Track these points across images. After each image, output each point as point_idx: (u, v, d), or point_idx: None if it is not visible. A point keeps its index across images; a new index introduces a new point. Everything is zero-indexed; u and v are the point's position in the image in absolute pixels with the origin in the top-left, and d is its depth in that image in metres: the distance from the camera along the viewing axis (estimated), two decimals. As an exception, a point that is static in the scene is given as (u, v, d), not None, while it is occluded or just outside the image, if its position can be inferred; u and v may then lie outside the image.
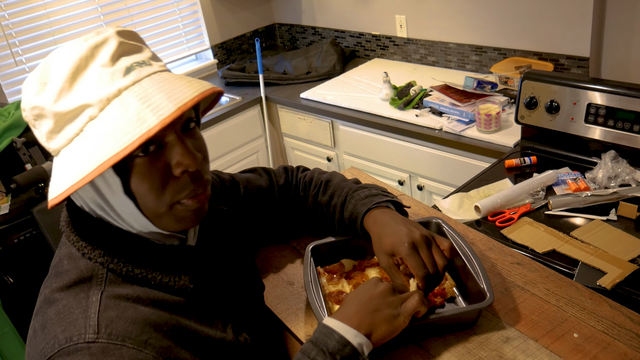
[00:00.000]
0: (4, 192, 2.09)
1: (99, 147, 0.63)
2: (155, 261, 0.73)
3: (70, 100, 0.66)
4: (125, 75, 0.66)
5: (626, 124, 1.61)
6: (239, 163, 2.95)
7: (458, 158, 2.15)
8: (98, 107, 0.65)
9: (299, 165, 1.16)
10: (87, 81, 0.66)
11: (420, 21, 2.73)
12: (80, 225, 0.73)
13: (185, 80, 0.68)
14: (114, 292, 0.69)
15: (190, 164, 0.68)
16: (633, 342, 0.82)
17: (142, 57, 0.69)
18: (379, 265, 1.01)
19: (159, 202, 0.70)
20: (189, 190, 0.70)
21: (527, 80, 1.81)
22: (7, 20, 2.52)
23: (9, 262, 2.02)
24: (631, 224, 1.44)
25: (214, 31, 3.26)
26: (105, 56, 0.67)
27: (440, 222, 1.02)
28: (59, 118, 0.66)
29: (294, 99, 2.75)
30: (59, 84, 0.66)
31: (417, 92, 2.39)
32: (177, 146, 0.68)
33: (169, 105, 0.63)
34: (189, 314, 0.74)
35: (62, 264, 0.73)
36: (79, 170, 0.64)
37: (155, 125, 0.61)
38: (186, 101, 0.63)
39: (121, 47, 0.68)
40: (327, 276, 1.00)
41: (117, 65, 0.67)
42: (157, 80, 0.67)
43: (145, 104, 0.63)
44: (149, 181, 0.68)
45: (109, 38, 0.68)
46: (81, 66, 0.66)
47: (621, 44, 2.10)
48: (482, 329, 0.88)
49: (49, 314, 0.68)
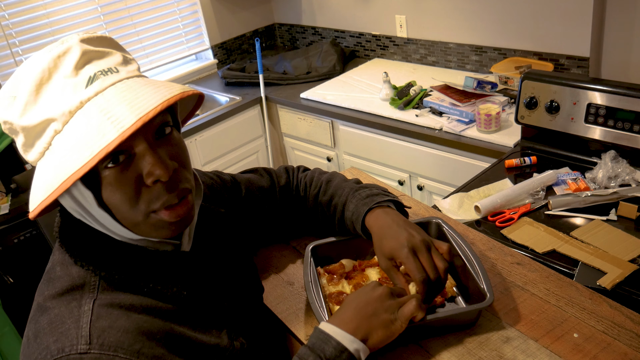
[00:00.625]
0: (4, 192, 2.09)
1: (64, 162, 0.63)
2: (148, 268, 0.72)
3: (35, 115, 0.65)
4: (88, 85, 0.65)
5: (626, 124, 1.61)
6: (239, 163, 2.95)
7: (458, 158, 2.15)
8: (61, 122, 0.64)
9: (299, 165, 1.16)
10: (51, 93, 0.65)
11: (420, 21, 2.73)
12: (72, 232, 0.73)
13: (152, 86, 0.66)
14: (107, 301, 0.68)
15: (161, 174, 0.66)
16: (633, 342, 0.82)
17: (107, 64, 0.67)
18: (379, 265, 1.01)
19: (133, 212, 0.68)
20: (163, 200, 0.68)
21: (527, 80, 1.81)
22: (7, 20, 2.52)
23: (9, 262, 2.02)
24: (631, 224, 1.44)
25: (214, 31, 3.26)
26: (69, 67, 0.65)
27: (440, 222, 1.02)
28: (27, 133, 0.67)
29: (294, 99, 2.75)
30: (25, 98, 0.65)
31: (417, 92, 2.39)
32: (147, 155, 0.66)
33: (129, 117, 0.61)
34: (183, 321, 0.73)
35: (54, 270, 0.73)
36: (48, 184, 0.64)
37: (114, 138, 0.60)
38: (148, 111, 0.62)
39: (85, 56, 0.67)
40: (327, 276, 1.00)
41: (80, 75, 0.65)
42: (121, 89, 0.65)
43: (106, 117, 0.62)
44: (121, 192, 0.67)
45: (71, 47, 0.67)
46: (44, 78, 0.65)
47: (621, 44, 2.10)
48: (482, 329, 0.88)
49: (42, 323, 0.68)
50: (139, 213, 0.69)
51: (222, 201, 0.99)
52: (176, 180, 0.69)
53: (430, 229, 1.04)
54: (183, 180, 0.71)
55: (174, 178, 0.69)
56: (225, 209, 0.97)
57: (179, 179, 0.70)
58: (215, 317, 0.78)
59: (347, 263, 1.03)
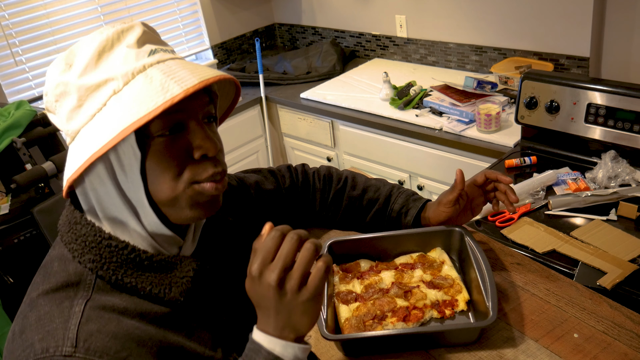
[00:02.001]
0: (4, 192, 2.09)
1: (122, 116, 0.63)
2: (147, 270, 0.71)
3: (95, 75, 0.67)
4: (150, 55, 0.68)
5: (626, 124, 1.61)
6: (239, 163, 2.95)
7: (458, 158, 2.15)
8: (122, 81, 0.66)
9: (302, 163, 1.17)
10: (113, 59, 0.67)
11: (420, 21, 2.73)
12: (76, 228, 0.72)
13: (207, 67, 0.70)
14: (100, 302, 0.67)
15: (210, 147, 0.69)
16: (633, 342, 0.82)
17: (165, 47, 0.72)
18: (396, 268, 1.01)
19: (176, 181, 0.69)
20: (208, 173, 0.70)
21: (527, 80, 1.81)
22: (7, 20, 2.51)
23: (9, 262, 2.02)
24: (631, 224, 1.44)
25: (214, 31, 3.26)
26: (132, 39, 0.68)
27: (463, 233, 1.01)
28: (82, 92, 0.67)
29: (294, 99, 2.75)
30: (85, 62, 0.67)
31: (417, 92, 2.39)
32: (199, 131, 0.69)
33: (192, 79, 0.64)
34: (178, 328, 0.71)
35: (52, 265, 0.72)
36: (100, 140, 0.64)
37: (179, 93, 0.63)
38: (209, 77, 0.65)
39: (146, 35, 0.70)
40: (340, 274, 1.00)
41: (143, 48, 0.69)
42: (181, 62, 0.69)
43: (170, 77, 0.65)
44: (167, 161, 0.68)
45: (135, 26, 0.70)
46: (107, 47, 0.68)
47: (621, 44, 2.10)
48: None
49: (30, 319, 0.67)
50: (181, 182, 0.69)
51: (229, 207, 0.97)
52: (218, 160, 0.72)
53: (452, 237, 1.03)
54: (222, 162, 0.74)
55: (217, 158, 0.72)
56: (232, 215, 0.96)
57: (220, 160, 0.73)
58: (212, 328, 0.76)
59: (364, 263, 1.03)
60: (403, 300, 0.93)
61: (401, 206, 1.06)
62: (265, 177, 1.09)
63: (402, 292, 0.94)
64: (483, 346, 0.85)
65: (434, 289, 0.95)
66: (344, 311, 0.92)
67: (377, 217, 1.09)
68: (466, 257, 0.98)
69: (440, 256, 1.02)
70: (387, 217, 1.08)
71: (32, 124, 2.13)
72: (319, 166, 1.16)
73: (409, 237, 1.04)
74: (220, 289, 0.81)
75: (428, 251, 1.05)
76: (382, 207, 1.08)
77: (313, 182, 1.12)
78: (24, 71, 2.61)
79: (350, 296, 0.95)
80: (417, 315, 0.90)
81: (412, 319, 0.89)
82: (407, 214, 1.06)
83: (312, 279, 0.65)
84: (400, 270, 1.01)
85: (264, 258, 0.65)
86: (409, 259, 1.04)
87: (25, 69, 2.61)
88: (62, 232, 0.73)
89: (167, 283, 0.72)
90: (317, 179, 1.12)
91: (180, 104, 0.67)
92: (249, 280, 0.66)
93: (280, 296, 0.64)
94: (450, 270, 0.98)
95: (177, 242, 0.75)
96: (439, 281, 0.96)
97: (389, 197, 1.09)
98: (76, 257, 0.70)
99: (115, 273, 0.69)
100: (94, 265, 0.69)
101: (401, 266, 1.02)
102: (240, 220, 0.98)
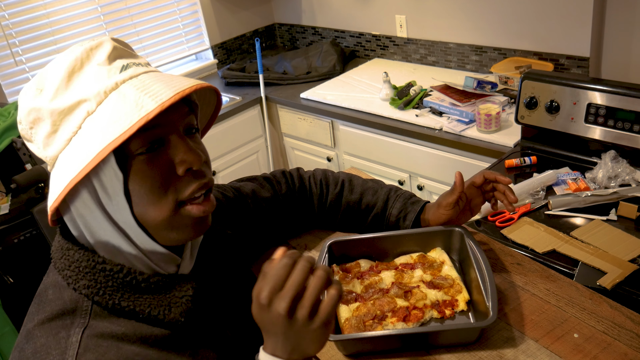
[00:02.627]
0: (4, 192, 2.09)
1: (98, 138, 0.61)
2: (144, 292, 0.69)
3: (66, 98, 0.65)
4: (122, 71, 0.66)
5: (626, 124, 1.61)
6: (238, 163, 2.95)
7: (458, 158, 2.15)
8: (95, 101, 0.64)
9: (296, 167, 1.16)
10: (84, 79, 0.65)
11: (420, 21, 2.73)
12: (69, 254, 0.70)
13: (182, 77, 0.68)
14: (98, 330, 0.65)
15: (193, 161, 0.67)
16: (633, 342, 0.82)
17: (138, 60, 0.69)
18: (396, 268, 1.01)
19: (162, 203, 0.67)
20: (193, 188, 0.68)
21: (527, 80, 1.81)
22: (7, 20, 2.51)
23: (9, 262, 2.02)
24: (631, 224, 1.44)
25: (214, 31, 3.26)
26: (102, 56, 0.66)
27: (463, 233, 1.01)
28: (55, 116, 0.65)
29: (294, 99, 2.75)
30: (55, 85, 0.65)
31: (417, 92, 2.39)
32: (181, 144, 0.67)
33: (167, 92, 0.63)
34: (181, 349, 0.70)
35: (46, 293, 0.70)
36: (77, 165, 0.62)
37: (154, 108, 0.61)
38: (185, 88, 0.63)
39: (116, 51, 0.68)
40: (340, 274, 1.00)
41: (114, 64, 0.66)
42: (155, 75, 0.67)
43: (143, 92, 0.63)
44: (151, 180, 0.66)
45: (103, 42, 0.68)
46: (77, 67, 0.66)
47: (621, 44, 2.10)
48: (482, 329, 0.88)
49: (26, 352, 0.65)
50: (167, 205, 0.67)
51: (227, 219, 0.96)
52: (202, 173, 0.70)
53: (453, 237, 1.03)
54: (208, 173, 0.72)
55: (201, 171, 0.70)
56: (231, 227, 0.95)
57: (204, 173, 0.71)
58: (217, 348, 0.74)
59: (364, 263, 1.03)
60: (403, 300, 0.93)
61: (399, 210, 1.06)
62: (261, 184, 1.08)
63: (402, 292, 0.94)
64: (483, 346, 0.85)
65: (434, 289, 0.95)
66: (344, 311, 0.92)
67: (376, 222, 1.08)
68: (466, 257, 0.98)
69: (440, 256, 1.02)
70: (385, 222, 1.07)
71: (32, 124, 2.13)
72: (314, 169, 1.15)
73: (409, 237, 1.04)
74: (223, 306, 0.79)
75: (428, 251, 1.05)
76: (380, 212, 1.07)
77: (310, 187, 1.11)
78: (24, 71, 2.61)
79: (350, 296, 0.95)
80: (417, 315, 0.90)
81: (412, 319, 0.89)
82: (405, 218, 1.05)
83: (324, 307, 0.63)
84: (400, 270, 1.01)
85: (274, 286, 0.62)
86: (409, 259, 1.04)
87: (25, 69, 2.61)
88: (55, 259, 0.71)
89: (166, 304, 0.70)
90: (313, 183, 1.11)
91: (158, 119, 0.65)
92: (257, 307, 0.63)
93: (290, 324, 0.62)
94: (450, 270, 0.98)
95: (174, 260, 0.73)
96: (439, 281, 0.96)
97: (387, 201, 1.08)
98: (71, 284, 0.68)
99: (112, 298, 0.67)
100: (90, 291, 0.67)
101: (401, 266, 1.02)
102: (239, 232, 0.97)
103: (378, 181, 1.14)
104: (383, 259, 1.05)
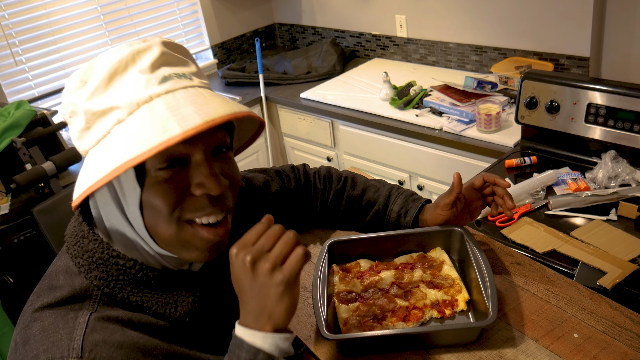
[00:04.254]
0: (4, 192, 2.09)
1: (121, 149, 0.62)
2: (153, 289, 0.70)
3: (102, 101, 0.65)
4: (161, 83, 0.65)
5: (626, 124, 1.61)
6: (239, 163, 2.93)
7: (458, 158, 2.15)
8: (127, 111, 0.64)
9: (303, 163, 1.17)
10: (123, 84, 0.65)
11: (420, 21, 2.73)
12: (84, 242, 0.71)
13: (222, 99, 0.66)
14: (104, 314, 0.67)
15: (213, 187, 0.65)
16: (633, 342, 0.82)
17: (183, 70, 0.68)
18: (396, 268, 1.01)
19: (169, 220, 0.66)
20: (206, 212, 0.67)
21: (527, 80, 1.81)
22: (7, 20, 2.51)
23: (9, 262, 2.02)
24: (631, 224, 1.44)
25: (214, 31, 3.26)
26: (146, 62, 0.66)
27: (463, 233, 1.01)
28: (89, 116, 0.66)
29: (294, 99, 2.75)
30: (95, 84, 0.65)
31: (417, 92, 2.39)
32: (203, 167, 0.66)
33: (196, 118, 0.61)
34: (183, 342, 0.71)
35: (57, 277, 0.71)
36: (100, 171, 0.63)
37: (177, 134, 0.59)
38: (215, 117, 0.61)
39: (163, 57, 0.67)
40: (340, 274, 1.00)
41: (156, 73, 0.65)
42: (192, 93, 0.65)
43: (173, 113, 0.61)
44: (164, 196, 0.65)
45: (152, 46, 0.67)
46: (120, 69, 0.65)
47: (621, 44, 2.10)
48: (482, 329, 0.88)
49: (33, 329, 0.66)
50: (173, 222, 0.66)
51: (240, 213, 0.96)
52: (223, 197, 0.68)
53: (453, 237, 1.03)
54: (229, 198, 0.70)
55: (222, 195, 0.68)
56: (240, 219, 0.94)
57: (225, 197, 0.69)
58: (218, 341, 0.75)
59: (364, 263, 1.03)
60: (403, 300, 0.93)
61: (400, 207, 1.06)
62: (272, 177, 1.09)
63: (402, 292, 0.94)
64: (483, 346, 0.85)
65: (434, 289, 0.95)
66: (344, 311, 0.92)
67: (377, 218, 1.09)
68: (466, 257, 0.98)
69: (440, 256, 1.02)
70: (386, 218, 1.08)
71: (32, 123, 2.13)
72: (319, 166, 1.16)
73: (409, 236, 1.04)
74: (229, 304, 0.80)
75: (428, 251, 1.05)
76: (381, 208, 1.08)
77: (314, 182, 1.12)
78: (24, 71, 2.61)
79: (350, 296, 0.95)
80: (417, 315, 0.90)
81: (412, 319, 0.89)
82: (406, 214, 1.06)
83: (288, 262, 0.64)
84: (400, 270, 1.01)
85: (245, 242, 0.65)
86: (409, 258, 1.04)
87: (25, 69, 2.61)
88: (69, 244, 0.72)
89: (172, 302, 0.71)
90: (317, 179, 1.12)
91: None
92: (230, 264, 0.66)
93: (253, 276, 0.64)
94: (450, 270, 0.98)
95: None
96: (439, 281, 0.96)
97: (389, 198, 1.09)
98: (82, 273, 0.69)
99: (121, 291, 0.68)
100: (101, 282, 0.68)
101: (401, 266, 1.02)
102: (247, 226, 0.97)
103: (380, 180, 1.15)
104: (383, 259, 1.05)
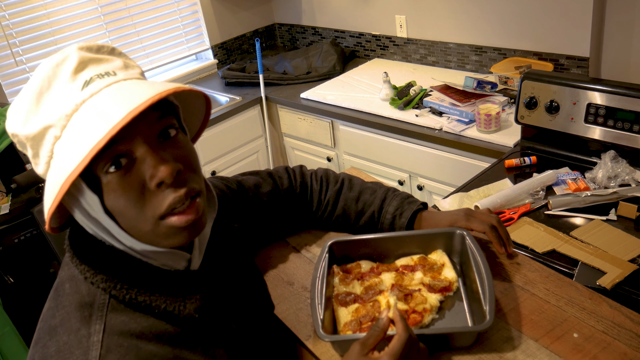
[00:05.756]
0: (4, 192, 2.09)
1: (63, 166, 0.61)
2: (160, 287, 0.70)
3: (35, 123, 0.64)
4: (84, 88, 0.64)
5: (626, 124, 1.61)
6: (239, 163, 2.95)
7: (458, 158, 2.15)
8: (60, 127, 0.63)
9: (299, 164, 1.17)
10: (50, 101, 0.64)
11: (420, 21, 2.73)
12: (83, 247, 0.70)
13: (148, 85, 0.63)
14: (117, 328, 0.66)
15: (165, 175, 0.63)
16: (633, 342, 0.82)
17: (105, 69, 0.66)
18: (396, 270, 1.01)
19: (141, 219, 0.65)
20: (169, 201, 0.65)
21: (527, 80, 1.81)
22: (7, 20, 2.52)
23: (9, 262, 2.02)
24: (631, 224, 1.44)
25: (214, 31, 3.26)
26: (67, 73, 0.65)
27: (465, 235, 1.01)
28: (31, 143, 0.65)
29: (294, 99, 2.75)
30: (27, 108, 0.65)
31: (417, 92, 2.39)
32: (149, 157, 0.64)
33: (120, 112, 0.59)
34: (192, 345, 0.70)
35: (63, 287, 0.70)
36: (52, 193, 0.62)
37: (104, 135, 0.58)
38: (139, 104, 0.59)
39: (82, 62, 0.66)
40: (340, 275, 1.00)
41: (77, 80, 0.64)
42: (116, 88, 0.64)
43: (99, 115, 0.60)
44: (125, 198, 0.64)
45: (69, 55, 0.66)
46: (44, 87, 0.65)
47: (621, 44, 2.10)
48: (482, 329, 0.88)
49: (49, 350, 0.65)
50: (146, 221, 0.66)
51: (232, 212, 0.96)
52: (182, 180, 0.66)
53: (454, 239, 1.03)
54: (190, 181, 0.67)
55: (180, 179, 0.66)
56: (235, 221, 0.95)
57: (185, 180, 0.67)
58: (226, 345, 0.75)
59: (365, 264, 1.03)
60: (402, 303, 0.93)
61: (395, 208, 1.06)
62: (263, 179, 1.08)
63: (402, 295, 0.94)
64: (483, 346, 0.85)
65: (433, 293, 0.95)
66: (343, 315, 0.92)
67: (372, 220, 1.09)
68: (467, 260, 0.98)
69: (441, 258, 1.02)
70: (381, 220, 1.08)
71: (32, 124, 2.13)
72: (317, 168, 1.16)
73: (410, 238, 1.04)
74: (231, 297, 0.80)
75: (429, 253, 1.05)
76: (377, 210, 1.08)
77: (311, 183, 1.12)
78: (24, 71, 2.61)
79: (349, 298, 0.95)
80: (416, 319, 0.89)
81: (410, 322, 0.89)
82: (401, 215, 1.06)
83: (393, 344, 0.76)
84: (401, 272, 1.01)
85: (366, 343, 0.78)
86: (410, 260, 1.03)
87: (25, 69, 2.61)
88: (70, 253, 0.71)
89: (180, 300, 0.70)
90: (314, 180, 1.12)
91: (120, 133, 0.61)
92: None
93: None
94: (449, 272, 0.98)
95: (183, 256, 0.73)
96: (437, 283, 0.96)
97: (384, 200, 1.09)
98: (88, 278, 0.68)
99: (129, 292, 0.67)
100: (107, 285, 0.67)
101: (401, 268, 1.02)
102: (245, 225, 0.98)
103: (377, 182, 1.15)
104: (384, 260, 1.05)
